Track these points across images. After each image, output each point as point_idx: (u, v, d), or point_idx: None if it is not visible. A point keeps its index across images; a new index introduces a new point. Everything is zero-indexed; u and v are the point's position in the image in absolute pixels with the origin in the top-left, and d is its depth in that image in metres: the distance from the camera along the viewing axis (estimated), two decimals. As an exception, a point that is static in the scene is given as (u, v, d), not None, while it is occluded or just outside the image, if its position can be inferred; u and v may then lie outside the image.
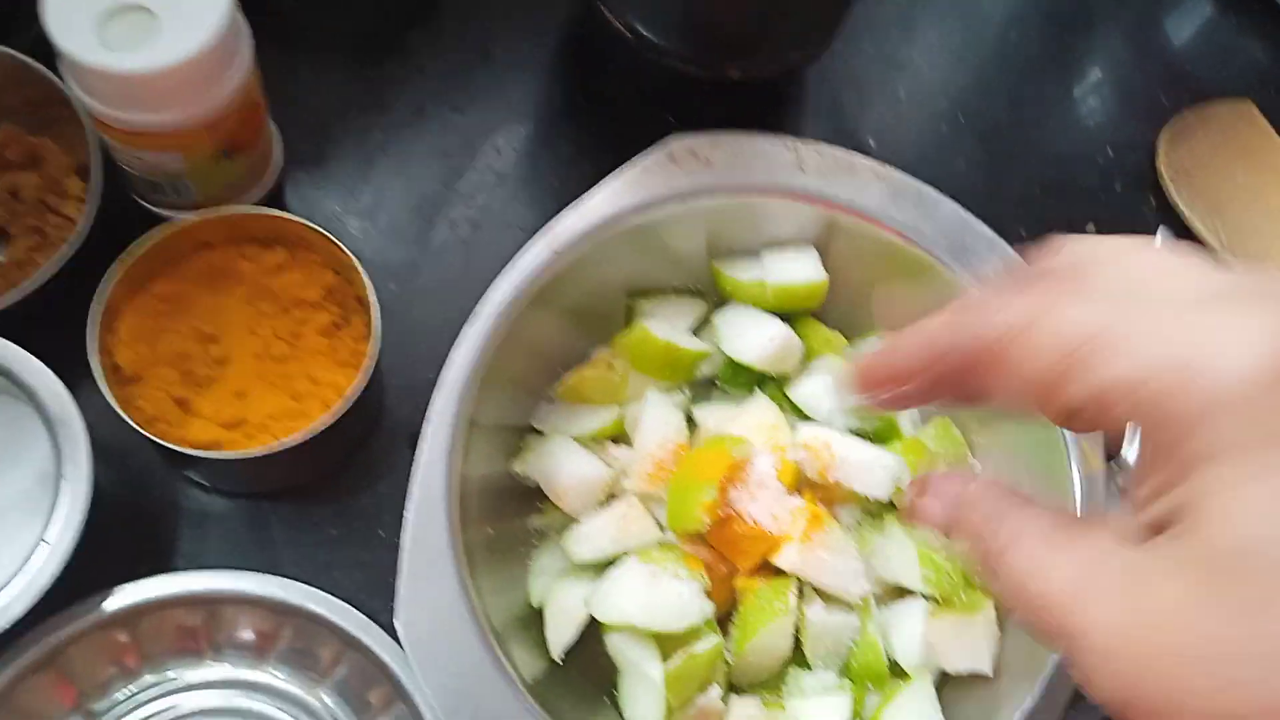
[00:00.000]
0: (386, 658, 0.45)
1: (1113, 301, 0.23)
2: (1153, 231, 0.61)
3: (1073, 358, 0.23)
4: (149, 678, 0.46)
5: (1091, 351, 0.23)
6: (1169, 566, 0.21)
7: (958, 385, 0.27)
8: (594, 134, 0.62)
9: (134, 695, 0.46)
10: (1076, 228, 0.62)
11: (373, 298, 0.47)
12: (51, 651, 0.44)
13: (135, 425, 0.44)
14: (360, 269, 0.48)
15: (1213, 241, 0.61)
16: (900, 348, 0.28)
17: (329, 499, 0.51)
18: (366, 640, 0.45)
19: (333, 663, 0.46)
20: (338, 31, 0.63)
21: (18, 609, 0.42)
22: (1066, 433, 0.48)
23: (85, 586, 0.44)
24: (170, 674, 0.46)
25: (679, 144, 0.50)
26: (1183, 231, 0.62)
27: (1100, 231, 0.62)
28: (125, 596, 0.45)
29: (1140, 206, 0.63)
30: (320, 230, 0.48)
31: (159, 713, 0.46)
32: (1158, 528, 0.22)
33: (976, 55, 0.67)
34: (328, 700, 0.46)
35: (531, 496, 0.50)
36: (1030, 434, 0.49)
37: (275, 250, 0.50)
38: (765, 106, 0.64)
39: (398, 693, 0.45)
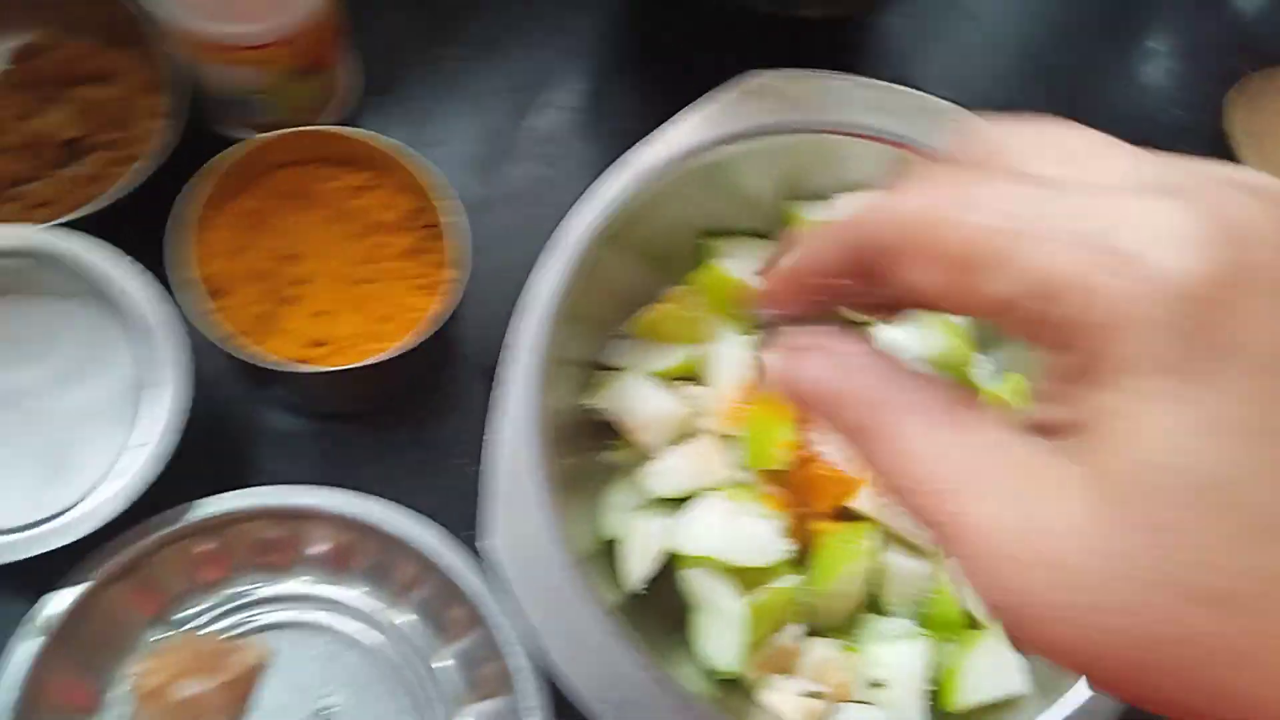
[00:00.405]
0: (465, 578, 0.45)
1: (1033, 187, 0.20)
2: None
3: (988, 247, 0.20)
4: (229, 590, 0.47)
5: (1007, 241, 0.20)
6: (1066, 476, 0.19)
7: (866, 283, 0.23)
8: (663, 72, 0.61)
9: (214, 606, 0.47)
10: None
11: (458, 221, 0.47)
12: (135, 560, 0.44)
13: (222, 339, 0.44)
14: (442, 194, 0.47)
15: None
16: (809, 248, 0.24)
17: (407, 424, 0.51)
18: (446, 559, 0.45)
19: (412, 582, 0.46)
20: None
21: (108, 511, 0.42)
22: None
23: (166, 501, 0.44)
24: (250, 587, 0.47)
25: (757, 80, 0.50)
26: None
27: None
28: (208, 508, 0.45)
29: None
30: (405, 153, 0.48)
31: (239, 624, 0.46)
32: (1052, 430, 0.20)
33: (1048, 8, 0.67)
34: (405, 619, 0.47)
35: (602, 432, 0.50)
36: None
37: (355, 172, 0.49)
38: (832, 50, 0.63)
39: (475, 615, 0.45)
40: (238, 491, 0.45)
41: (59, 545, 0.42)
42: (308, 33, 0.48)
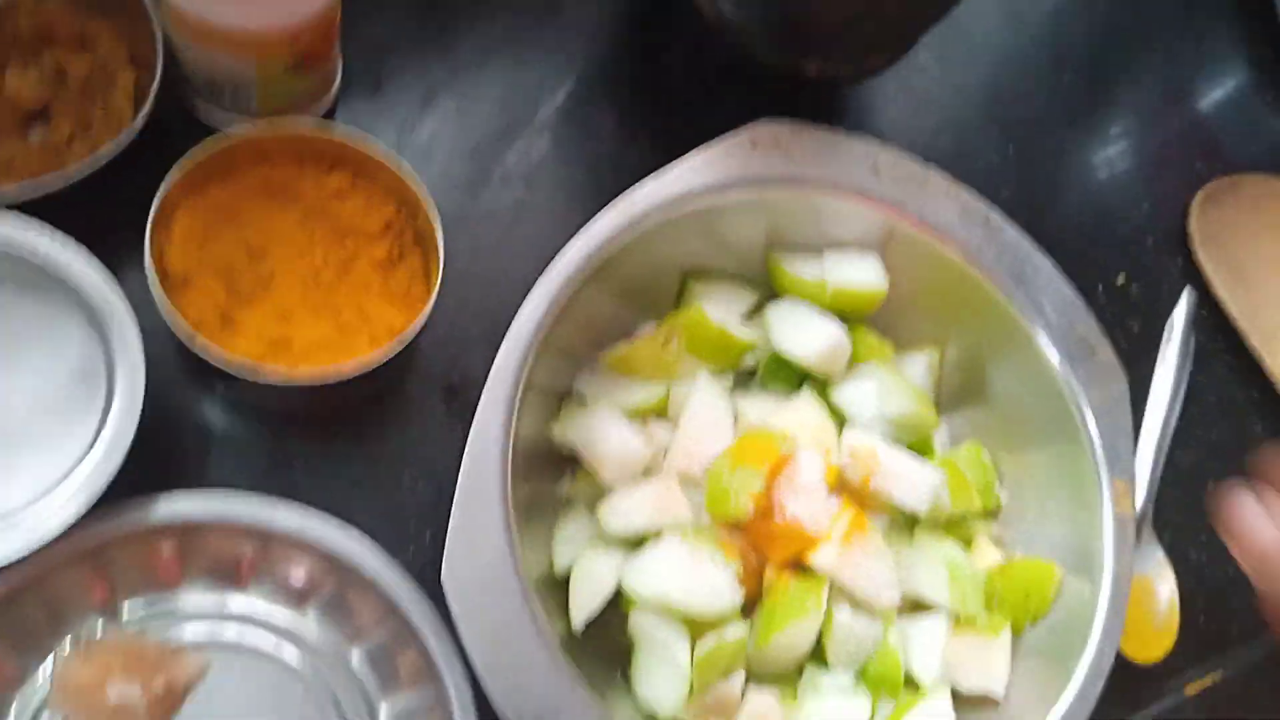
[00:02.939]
0: (408, 606, 0.44)
1: None
2: (1179, 290, 0.63)
3: None
4: (174, 596, 0.45)
5: None
6: None
7: None
8: (656, 108, 0.61)
9: (158, 611, 0.45)
10: (1109, 277, 0.63)
11: (440, 237, 0.46)
12: (96, 546, 0.42)
13: (179, 334, 0.42)
14: (429, 206, 0.46)
15: (1233, 309, 0.63)
16: None
17: (359, 435, 0.50)
18: (387, 582, 0.44)
19: (368, 620, 0.45)
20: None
21: (73, 510, 0.40)
22: (1101, 470, 0.48)
23: (111, 493, 0.42)
24: (195, 597, 0.45)
25: (764, 129, 0.50)
26: (1206, 295, 0.64)
27: (1128, 285, 0.64)
28: (176, 508, 0.43)
29: (1170, 265, 0.65)
30: (393, 160, 0.46)
31: (176, 634, 0.45)
32: None
33: (1030, 92, 0.68)
34: (356, 655, 0.46)
35: (564, 463, 0.49)
36: (1062, 469, 0.50)
37: (337, 174, 0.48)
38: (826, 108, 0.64)
39: (424, 658, 0.44)
40: (208, 496, 0.44)
41: (15, 548, 0.39)
42: (312, 26, 0.47)
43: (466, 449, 0.42)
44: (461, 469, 0.41)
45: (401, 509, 0.49)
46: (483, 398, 0.43)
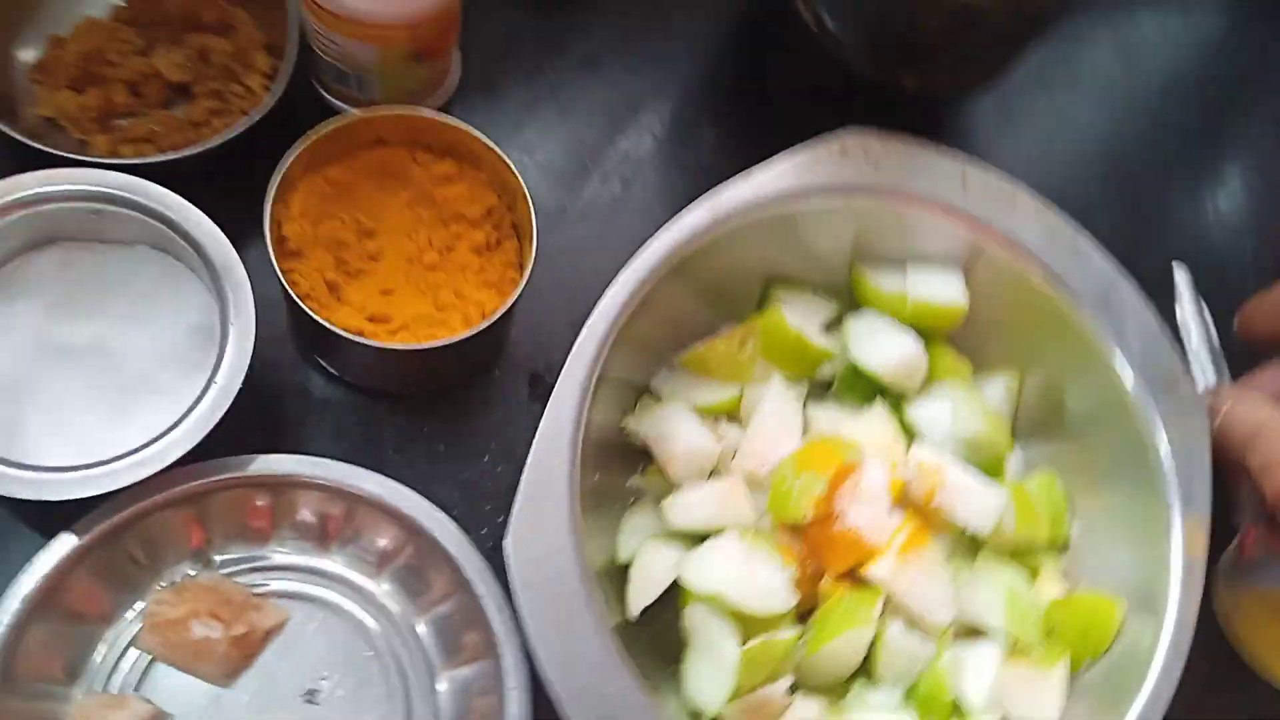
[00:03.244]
0: (478, 582, 0.46)
1: None
2: None
3: None
4: (265, 549, 0.49)
5: None
6: None
7: None
8: (755, 117, 0.63)
9: (249, 560, 0.48)
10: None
11: (534, 226, 0.48)
12: (196, 494, 0.46)
13: (294, 294, 0.45)
14: (528, 198, 0.48)
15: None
16: None
17: (445, 414, 0.52)
18: (462, 557, 0.46)
19: (440, 592, 0.48)
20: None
21: (178, 453, 0.43)
22: (1174, 508, 0.48)
23: (211, 450, 0.45)
24: (284, 552, 0.49)
25: (854, 138, 0.51)
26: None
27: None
28: (273, 466, 0.46)
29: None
30: (498, 152, 0.49)
31: (260, 584, 0.48)
32: None
33: (1136, 124, 0.67)
34: (423, 625, 0.49)
35: (635, 456, 0.51)
36: (1134, 504, 0.49)
37: (446, 161, 0.51)
38: (923, 125, 0.64)
39: (483, 622, 0.46)
40: (298, 457, 0.47)
41: (124, 484, 0.43)
42: (432, 20, 0.50)
43: (540, 425, 0.43)
44: (534, 443, 0.43)
45: (479, 490, 0.52)
46: (559, 380, 0.45)
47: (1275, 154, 0.68)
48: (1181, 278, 0.61)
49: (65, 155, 0.47)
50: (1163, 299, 0.60)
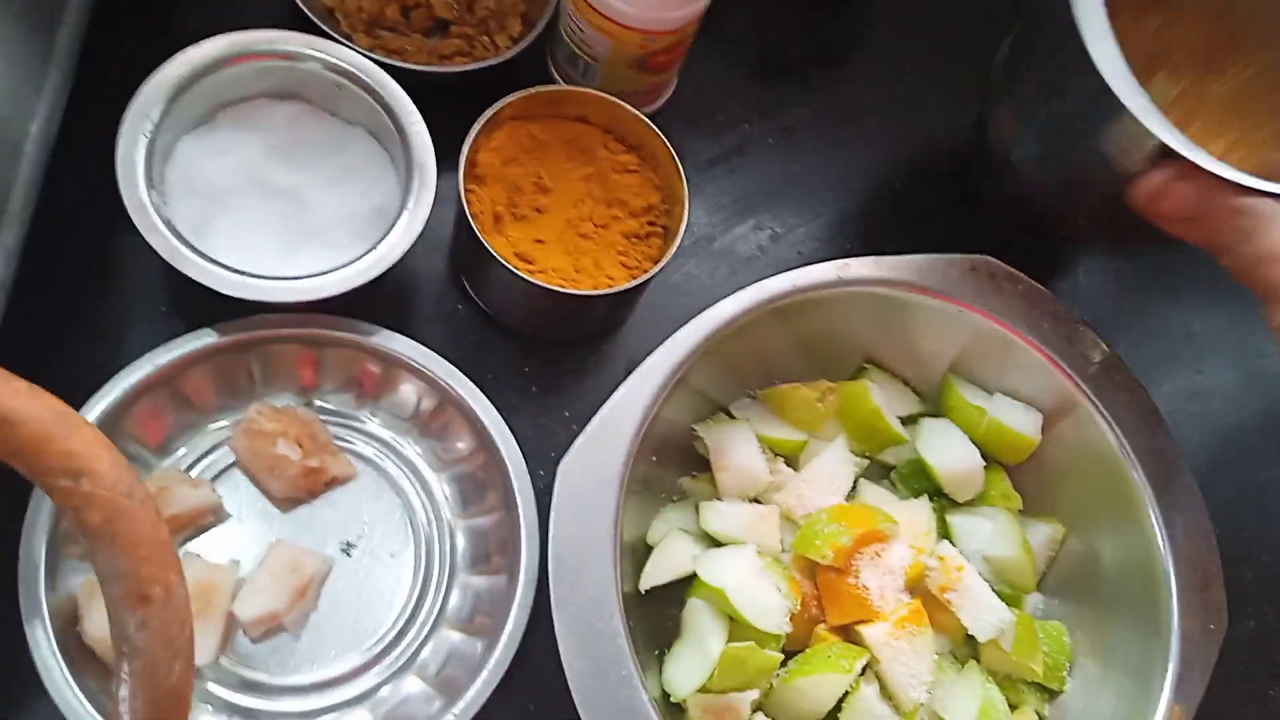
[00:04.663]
0: (521, 503, 0.51)
1: None
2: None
3: None
4: (360, 410, 0.55)
5: None
6: None
7: None
8: (926, 227, 0.66)
9: (341, 413, 0.55)
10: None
11: (681, 234, 0.54)
12: (318, 339, 0.52)
13: (467, 210, 0.52)
14: (686, 208, 0.54)
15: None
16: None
17: (546, 363, 0.58)
18: (512, 475, 0.52)
19: (490, 507, 0.54)
20: (752, 38, 0.70)
21: (327, 293, 0.50)
22: (1165, 692, 0.49)
23: (354, 306, 0.52)
24: (376, 421, 0.56)
25: (987, 262, 0.55)
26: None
27: None
28: (392, 344, 0.53)
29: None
30: (677, 162, 0.55)
31: (348, 438, 0.55)
32: None
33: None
34: (462, 532, 0.54)
35: (691, 461, 0.55)
36: (1129, 678, 0.51)
37: (631, 154, 0.57)
38: (1045, 269, 0.65)
39: (513, 531, 0.51)
40: (417, 344, 0.53)
41: (279, 300, 0.50)
42: (665, 34, 0.56)
43: (619, 389, 0.49)
44: (612, 396, 0.48)
45: (550, 438, 0.56)
46: (647, 360, 0.50)
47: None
48: None
49: (332, 33, 0.55)
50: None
